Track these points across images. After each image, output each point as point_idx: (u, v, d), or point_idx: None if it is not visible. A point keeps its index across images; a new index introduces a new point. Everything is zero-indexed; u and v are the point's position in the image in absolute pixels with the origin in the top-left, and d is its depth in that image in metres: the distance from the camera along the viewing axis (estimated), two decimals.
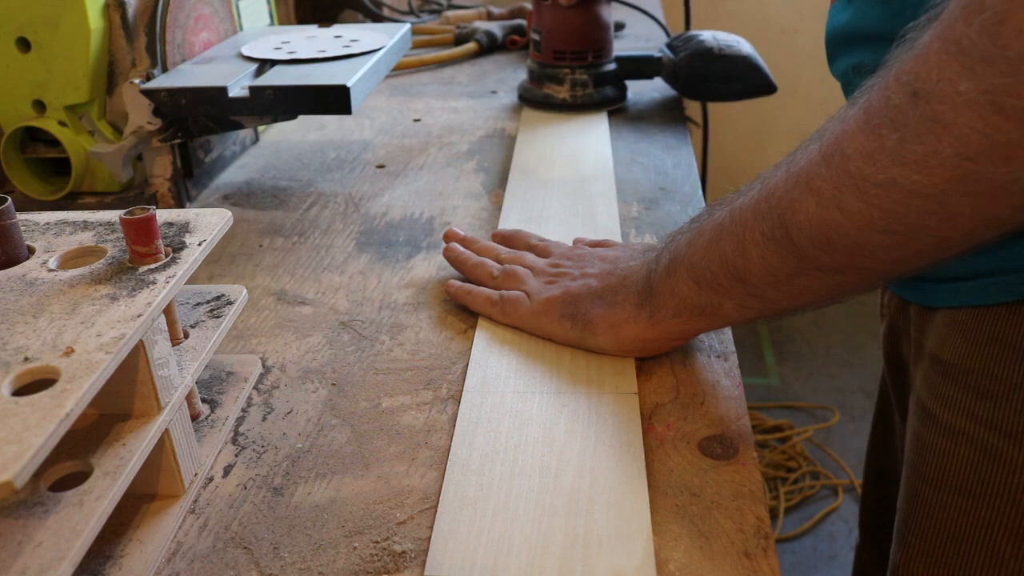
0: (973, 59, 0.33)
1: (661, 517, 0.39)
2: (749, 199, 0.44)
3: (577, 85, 0.92)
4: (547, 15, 0.91)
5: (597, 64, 0.92)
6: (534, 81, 0.95)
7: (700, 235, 0.47)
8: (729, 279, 0.45)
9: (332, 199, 0.76)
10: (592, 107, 0.92)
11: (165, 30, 0.71)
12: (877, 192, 0.37)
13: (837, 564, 1.53)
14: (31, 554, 0.31)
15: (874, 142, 0.37)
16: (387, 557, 0.38)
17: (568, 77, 0.92)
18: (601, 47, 0.92)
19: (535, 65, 0.94)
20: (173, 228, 0.44)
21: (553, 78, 0.93)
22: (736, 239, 0.44)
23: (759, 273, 0.43)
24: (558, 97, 0.93)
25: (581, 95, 0.92)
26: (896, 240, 0.38)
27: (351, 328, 0.56)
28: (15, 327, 0.36)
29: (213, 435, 0.45)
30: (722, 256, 0.45)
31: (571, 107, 0.92)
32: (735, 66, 0.90)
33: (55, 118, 0.70)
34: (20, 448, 0.29)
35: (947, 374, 0.51)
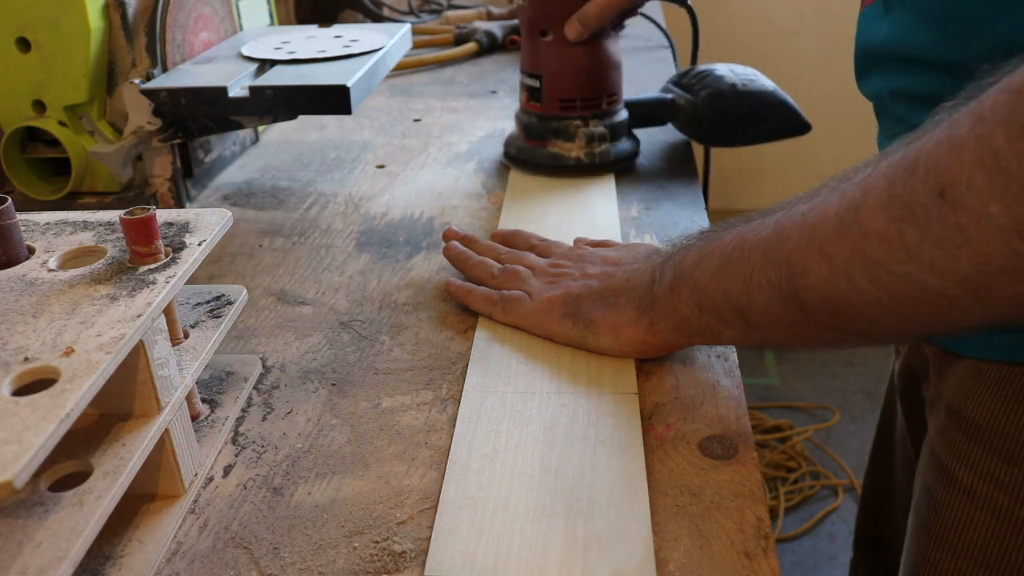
0: (1008, 182, 0.31)
1: (661, 517, 0.39)
2: (762, 235, 0.42)
3: (593, 140, 0.75)
4: (548, 55, 0.74)
5: (611, 112, 0.76)
6: (532, 138, 0.77)
7: (707, 259, 0.45)
8: (732, 313, 0.43)
9: (332, 199, 0.76)
10: (609, 166, 0.76)
11: (165, 30, 0.71)
12: (889, 279, 0.35)
13: (837, 564, 1.53)
14: (31, 554, 0.31)
15: (892, 230, 0.35)
16: (387, 557, 0.38)
17: (580, 131, 0.75)
18: (615, 92, 0.76)
19: (532, 118, 0.76)
20: (173, 228, 0.44)
21: (560, 133, 0.75)
22: (742, 277, 0.42)
23: (762, 316, 0.42)
24: (570, 156, 0.75)
25: (599, 152, 0.75)
26: (904, 322, 0.37)
27: (351, 328, 0.56)
28: (15, 327, 0.36)
29: (213, 435, 0.45)
30: (726, 290, 0.43)
31: (588, 168, 0.75)
32: (763, 104, 0.78)
33: (55, 118, 0.70)
34: (20, 448, 0.29)
35: (968, 432, 0.49)
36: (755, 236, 0.43)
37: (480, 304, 0.55)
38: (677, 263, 0.48)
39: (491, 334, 0.54)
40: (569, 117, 0.75)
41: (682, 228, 0.67)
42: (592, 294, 0.51)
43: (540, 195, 0.73)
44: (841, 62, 2.29)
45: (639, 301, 0.49)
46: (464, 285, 0.57)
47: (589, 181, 0.75)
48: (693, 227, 0.67)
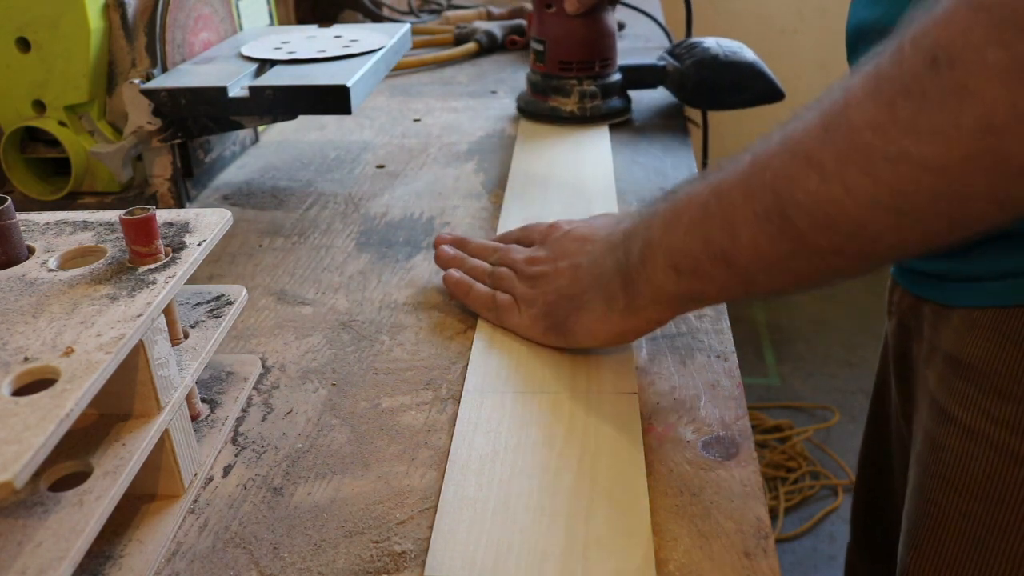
0: (1005, 25, 0.30)
1: (661, 517, 0.39)
2: (737, 174, 0.40)
3: (585, 97, 0.88)
4: (551, 24, 0.87)
5: (604, 74, 0.89)
6: (537, 93, 0.91)
7: (678, 217, 0.43)
8: (714, 264, 0.42)
9: (332, 199, 0.76)
10: (600, 119, 0.89)
11: (165, 30, 0.71)
12: (886, 167, 0.34)
13: (837, 564, 1.53)
14: (31, 554, 0.31)
15: (885, 112, 0.33)
16: (387, 557, 0.38)
17: (575, 89, 0.88)
18: (608, 56, 0.89)
19: (538, 77, 0.90)
20: (173, 228, 0.44)
21: (559, 90, 0.88)
22: (723, 220, 0.40)
23: (748, 256, 0.40)
24: (565, 110, 0.89)
25: (590, 107, 0.88)
26: (903, 221, 0.35)
27: (351, 328, 0.56)
28: (15, 327, 0.36)
29: (213, 435, 0.45)
30: (707, 239, 0.41)
31: (579, 120, 0.89)
32: (742, 73, 0.87)
33: (55, 118, 0.70)
34: (20, 448, 0.29)
35: (966, 375, 0.50)
36: (730, 178, 0.41)
37: (478, 305, 0.55)
38: (643, 232, 0.46)
39: (491, 334, 0.54)
40: (566, 77, 0.88)
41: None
42: (563, 297, 0.50)
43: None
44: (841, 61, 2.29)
45: (605, 291, 0.48)
46: (463, 280, 0.57)
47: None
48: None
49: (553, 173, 0.78)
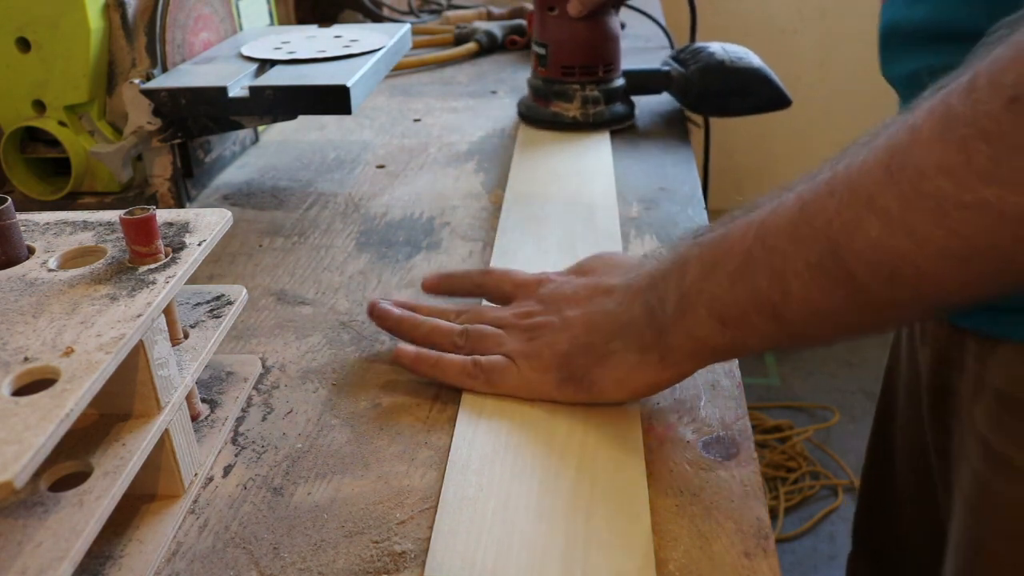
0: None
1: (661, 517, 0.39)
2: (783, 218, 0.37)
3: (588, 102, 0.86)
4: (553, 28, 0.85)
5: (607, 79, 0.87)
6: (539, 98, 0.89)
7: (720, 265, 0.40)
8: (762, 317, 0.38)
9: (332, 199, 0.76)
10: (603, 125, 0.86)
11: (165, 30, 0.71)
12: (960, 216, 0.31)
13: (837, 564, 1.53)
14: (31, 554, 0.31)
15: (958, 155, 0.30)
16: (387, 557, 0.38)
17: (578, 94, 0.86)
18: (611, 61, 0.86)
19: (539, 81, 0.88)
20: (173, 228, 0.44)
21: (561, 95, 0.86)
22: (771, 270, 0.37)
23: (800, 309, 0.37)
24: (567, 115, 0.86)
25: (593, 113, 0.86)
26: (975, 271, 0.32)
27: (351, 328, 0.56)
28: (15, 327, 0.36)
29: (213, 435, 0.45)
30: (755, 290, 0.38)
31: (583, 126, 0.86)
32: (748, 79, 0.85)
33: (55, 118, 0.70)
34: (20, 448, 0.28)
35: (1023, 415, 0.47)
36: (776, 223, 0.38)
37: (455, 376, 0.48)
38: (677, 281, 0.42)
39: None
40: (569, 82, 0.86)
41: (682, 228, 0.67)
42: (580, 348, 0.45)
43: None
44: (841, 62, 2.30)
45: (638, 340, 0.44)
46: (425, 354, 0.49)
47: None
48: (693, 227, 0.67)
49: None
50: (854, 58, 2.26)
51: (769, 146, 2.41)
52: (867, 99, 2.32)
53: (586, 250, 0.63)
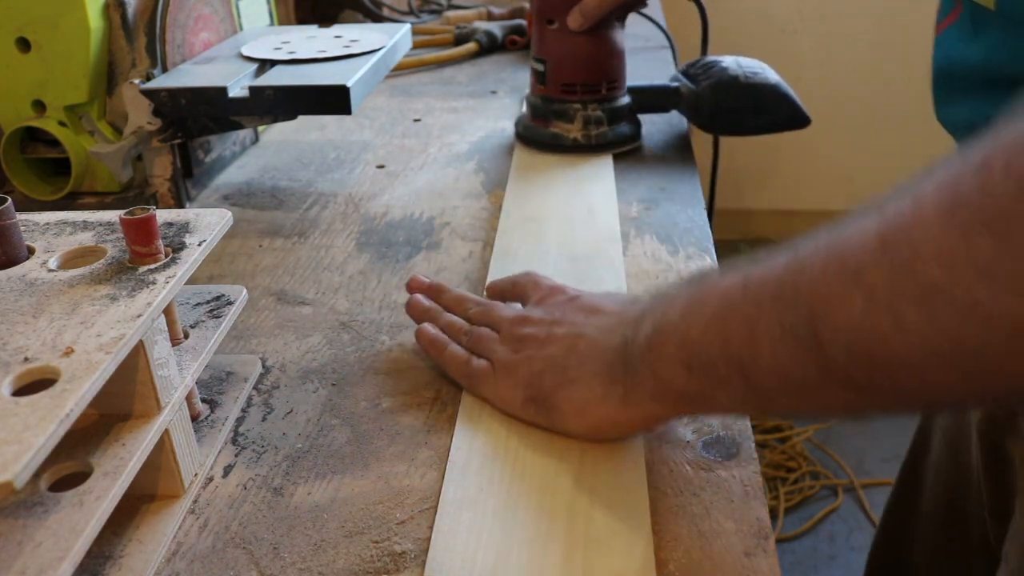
0: None
1: (661, 517, 0.39)
2: (772, 272, 0.34)
3: (591, 123, 0.79)
4: (553, 43, 0.78)
5: (611, 98, 0.80)
6: (537, 118, 0.82)
7: (700, 306, 0.37)
8: (730, 370, 0.35)
9: (332, 199, 0.76)
10: (606, 147, 0.80)
11: (165, 30, 0.71)
12: (948, 312, 0.28)
13: (837, 564, 1.53)
14: (31, 554, 0.31)
15: (958, 244, 0.27)
16: (387, 557, 0.38)
17: (579, 114, 0.79)
18: (616, 78, 0.80)
19: (538, 100, 0.81)
20: (173, 228, 0.44)
21: (561, 115, 0.80)
22: (746, 322, 0.34)
23: (768, 372, 0.34)
24: (568, 137, 0.80)
25: (596, 134, 0.79)
26: (959, 371, 0.29)
27: (351, 328, 0.56)
28: (15, 327, 0.36)
29: (213, 435, 0.45)
30: (725, 339, 0.35)
31: (584, 148, 0.80)
32: (764, 96, 0.79)
33: (55, 118, 0.70)
34: (20, 448, 0.29)
35: None
36: (762, 274, 0.35)
37: (452, 368, 0.49)
38: (658, 315, 0.39)
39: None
40: (569, 100, 0.79)
41: (682, 229, 0.67)
42: (553, 367, 0.44)
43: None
44: (841, 62, 2.30)
45: (607, 370, 0.41)
46: (438, 338, 0.50)
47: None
48: (693, 227, 0.67)
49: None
50: (854, 58, 2.26)
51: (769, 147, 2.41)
52: (867, 99, 2.33)
53: (586, 251, 0.63)
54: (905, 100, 2.27)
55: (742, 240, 2.48)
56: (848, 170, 2.43)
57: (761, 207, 2.46)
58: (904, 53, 2.22)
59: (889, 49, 2.23)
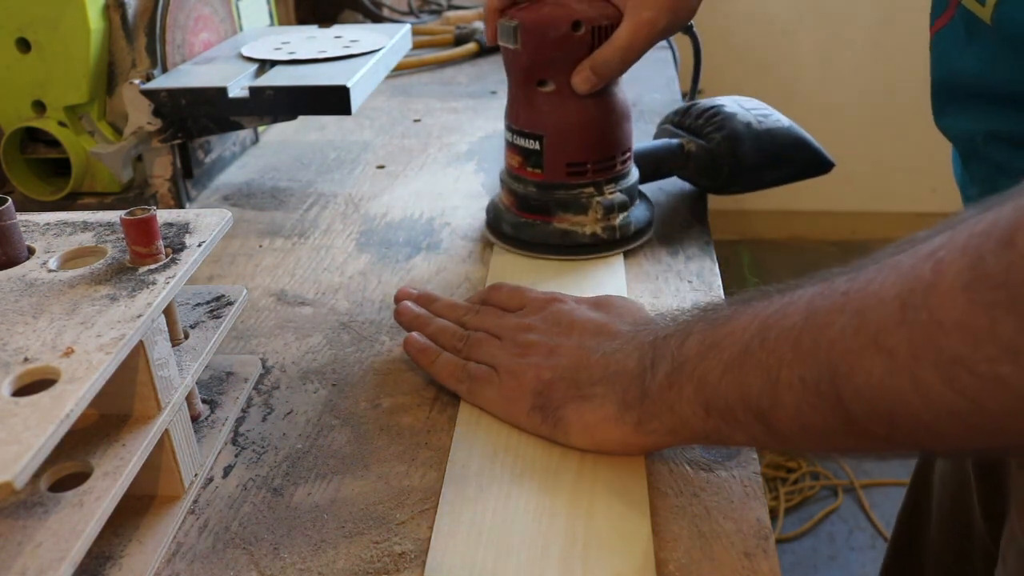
0: None
1: (661, 517, 0.39)
2: (790, 321, 0.34)
3: (612, 210, 0.61)
4: (550, 111, 0.59)
5: (625, 173, 0.63)
6: (531, 212, 0.62)
7: (717, 349, 0.37)
8: (749, 416, 0.35)
9: (332, 199, 0.76)
10: (630, 239, 0.63)
11: (165, 30, 0.71)
12: (972, 383, 0.28)
13: (837, 564, 1.53)
14: (31, 555, 0.31)
15: (981, 319, 0.27)
16: (387, 557, 0.38)
17: (594, 201, 0.61)
18: (629, 147, 0.63)
19: (531, 188, 0.62)
20: (173, 229, 0.44)
21: (569, 205, 0.61)
22: (766, 374, 0.34)
23: (789, 422, 0.34)
24: (584, 232, 0.61)
25: (619, 224, 0.61)
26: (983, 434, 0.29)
27: (351, 328, 0.56)
28: (15, 327, 0.36)
29: (213, 435, 0.45)
30: (745, 388, 0.35)
31: (605, 245, 0.62)
32: (783, 144, 0.67)
33: (55, 118, 0.70)
34: (20, 448, 0.29)
35: None
36: (781, 323, 0.34)
37: (446, 377, 0.48)
38: (675, 350, 0.39)
39: None
40: (579, 184, 0.61)
41: (682, 228, 0.67)
42: (563, 379, 0.43)
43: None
44: (841, 62, 2.30)
45: (622, 394, 0.41)
46: (428, 346, 0.49)
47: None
48: (693, 228, 0.67)
49: None
50: (854, 59, 2.26)
51: None
52: (867, 100, 2.33)
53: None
54: (905, 100, 2.27)
55: (742, 240, 2.49)
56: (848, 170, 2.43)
57: (761, 207, 2.46)
58: (904, 53, 2.22)
59: (889, 50, 2.23)
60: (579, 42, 0.57)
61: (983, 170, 0.50)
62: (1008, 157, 0.47)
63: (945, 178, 0.64)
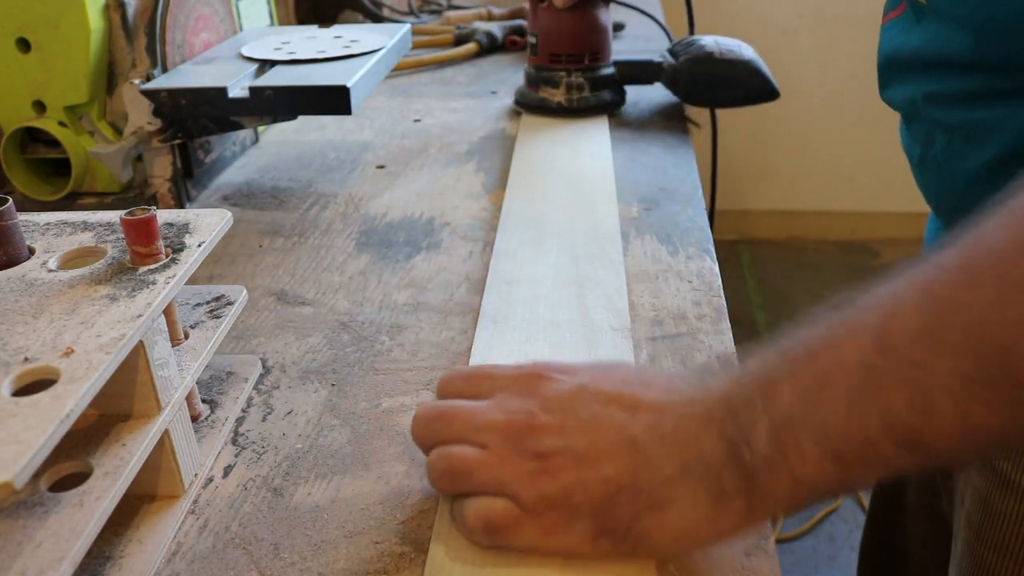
0: None
1: None
2: (911, 321, 0.30)
3: (573, 88, 0.90)
4: (543, 18, 0.89)
5: (594, 67, 0.90)
6: (530, 85, 0.93)
7: (826, 384, 0.31)
8: (897, 446, 0.30)
9: (332, 199, 0.76)
10: (588, 111, 0.90)
11: (165, 30, 0.71)
12: None
13: (837, 564, 1.53)
14: (31, 555, 0.31)
15: None
16: (387, 557, 0.38)
17: (564, 80, 0.90)
18: (598, 50, 0.90)
19: (531, 69, 0.92)
20: (173, 229, 0.44)
21: (549, 81, 0.91)
22: (909, 387, 0.29)
23: (951, 433, 0.29)
24: (553, 101, 0.90)
25: (577, 99, 0.90)
26: None
27: (351, 328, 0.56)
28: (15, 327, 0.36)
29: (213, 435, 0.45)
30: (886, 414, 0.30)
31: (567, 111, 0.90)
32: (736, 71, 0.87)
33: (55, 118, 0.70)
34: (20, 448, 0.29)
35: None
36: (903, 329, 0.30)
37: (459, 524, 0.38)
38: (765, 408, 0.32)
39: (491, 334, 0.54)
40: (555, 69, 0.90)
41: (682, 229, 0.67)
42: (623, 492, 0.34)
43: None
44: (841, 63, 2.30)
45: (714, 484, 0.33)
46: None
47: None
48: (693, 228, 0.67)
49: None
50: (854, 58, 2.26)
51: (768, 147, 2.41)
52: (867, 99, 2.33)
53: (587, 251, 0.64)
54: None
55: (742, 240, 2.49)
56: (848, 170, 2.43)
57: (761, 207, 2.46)
58: None
59: None
60: None
61: (922, 129, 0.56)
62: (942, 113, 0.53)
63: None
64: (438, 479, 0.38)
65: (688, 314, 0.55)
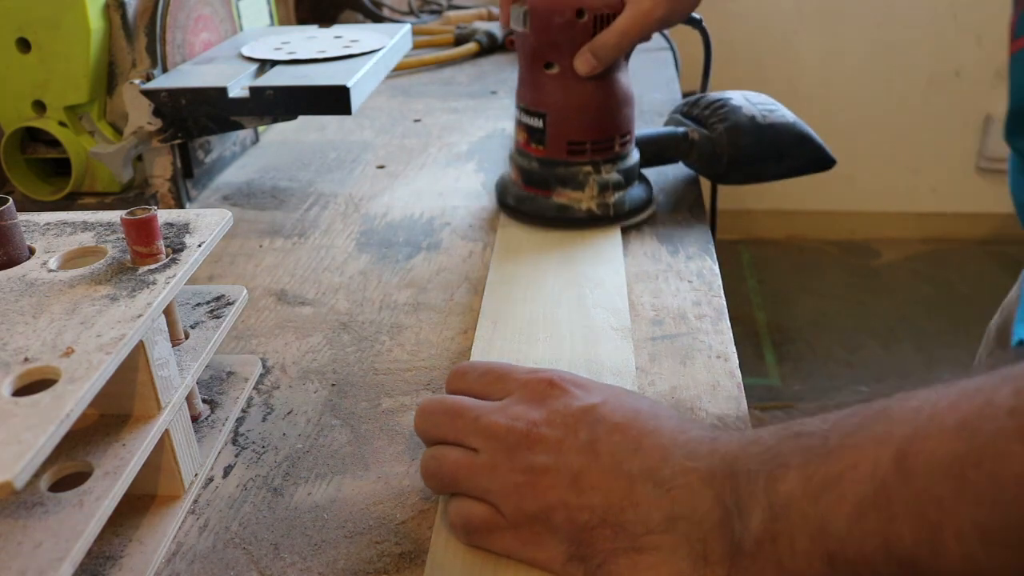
0: None
1: None
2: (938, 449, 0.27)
3: (607, 188, 0.65)
4: (554, 92, 0.63)
5: (624, 155, 0.67)
6: (534, 186, 0.66)
7: (834, 485, 0.29)
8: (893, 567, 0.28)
9: (332, 199, 0.76)
10: (624, 217, 0.66)
11: (165, 30, 0.71)
12: None
13: None
14: (31, 555, 0.31)
15: None
16: (387, 557, 0.38)
17: (591, 178, 0.65)
18: (629, 130, 0.66)
19: (535, 164, 0.66)
20: (173, 229, 0.44)
21: (568, 181, 0.65)
22: (919, 520, 0.27)
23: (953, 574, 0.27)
24: (580, 208, 0.65)
25: (613, 201, 0.65)
26: None
27: (351, 328, 0.56)
28: (15, 327, 0.36)
29: (213, 435, 0.45)
30: (890, 538, 0.28)
31: (600, 220, 0.65)
32: (783, 138, 0.69)
33: (55, 118, 0.70)
34: (20, 448, 0.29)
35: None
36: (928, 453, 0.27)
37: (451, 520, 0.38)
38: (766, 488, 0.31)
39: (490, 335, 0.54)
40: (578, 163, 0.65)
41: (682, 229, 0.66)
42: (605, 523, 0.33)
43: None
44: (841, 63, 2.30)
45: (697, 546, 0.32)
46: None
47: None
48: (693, 227, 0.67)
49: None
50: (854, 59, 2.26)
51: None
52: (868, 100, 2.33)
53: (587, 253, 0.62)
54: (906, 101, 2.27)
55: (742, 240, 2.49)
56: (848, 170, 2.43)
57: (761, 207, 2.46)
58: (904, 53, 2.22)
59: (889, 49, 2.23)
60: (582, 28, 0.61)
61: None
62: None
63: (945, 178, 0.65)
64: (428, 479, 0.39)
65: (688, 314, 0.55)
